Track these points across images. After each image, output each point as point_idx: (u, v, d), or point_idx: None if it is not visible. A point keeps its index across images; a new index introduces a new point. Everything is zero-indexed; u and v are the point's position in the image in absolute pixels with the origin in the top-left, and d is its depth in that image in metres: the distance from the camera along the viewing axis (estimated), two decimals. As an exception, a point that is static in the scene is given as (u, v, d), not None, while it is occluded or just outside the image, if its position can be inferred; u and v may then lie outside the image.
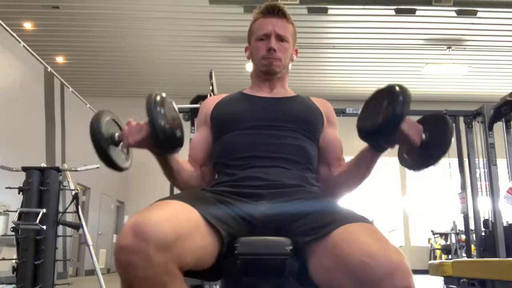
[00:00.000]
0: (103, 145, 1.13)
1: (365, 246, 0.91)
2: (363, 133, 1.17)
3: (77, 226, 3.62)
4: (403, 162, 1.26)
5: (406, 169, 1.26)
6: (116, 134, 1.18)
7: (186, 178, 1.32)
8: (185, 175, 1.32)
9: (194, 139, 1.43)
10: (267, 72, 1.38)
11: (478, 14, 7.82)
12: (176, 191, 1.38)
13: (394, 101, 1.08)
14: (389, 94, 1.11)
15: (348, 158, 1.47)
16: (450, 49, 9.37)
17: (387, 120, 1.08)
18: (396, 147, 1.29)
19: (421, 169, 1.20)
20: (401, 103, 1.08)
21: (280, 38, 1.36)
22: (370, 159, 1.25)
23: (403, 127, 1.11)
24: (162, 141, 1.11)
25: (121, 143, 1.18)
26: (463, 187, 5.54)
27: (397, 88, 1.11)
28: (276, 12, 1.37)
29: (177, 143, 1.14)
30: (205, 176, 1.38)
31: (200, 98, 4.82)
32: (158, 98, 1.11)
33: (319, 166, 1.39)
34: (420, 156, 1.18)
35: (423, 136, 1.15)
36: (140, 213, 0.93)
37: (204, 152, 1.39)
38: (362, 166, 1.28)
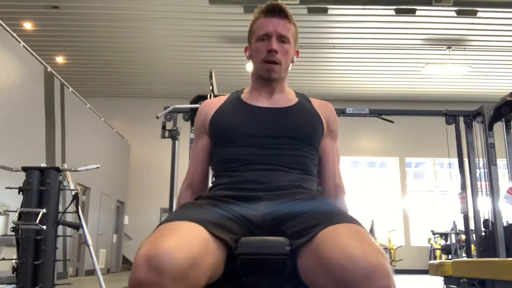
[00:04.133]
0: None
1: (345, 248, 0.91)
2: None
3: (77, 226, 3.62)
4: None
5: (406, 169, 1.24)
6: None
7: None
8: None
9: (194, 153, 1.42)
10: (267, 79, 1.37)
11: (478, 14, 7.82)
12: (177, 191, 1.38)
13: None
14: None
15: (348, 158, 1.47)
16: (450, 49, 9.37)
17: None
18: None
19: None
20: None
21: (282, 39, 1.33)
22: None
23: None
24: None
25: None
26: (463, 187, 5.54)
27: None
28: (278, 12, 1.34)
29: None
30: (203, 189, 1.40)
31: (200, 98, 4.83)
32: None
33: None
34: None
35: None
36: (151, 242, 0.92)
37: (204, 174, 1.40)
38: None
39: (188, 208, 1.15)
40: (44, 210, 3.17)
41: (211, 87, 4.85)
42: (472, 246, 5.66)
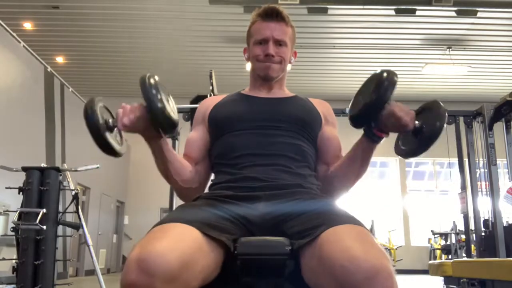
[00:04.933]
0: (101, 130, 1.14)
1: (347, 250, 0.90)
2: (352, 119, 1.23)
3: (77, 226, 3.62)
4: (398, 150, 1.29)
5: (406, 169, 1.25)
6: (110, 120, 1.18)
7: (180, 171, 1.30)
8: (180, 168, 1.30)
9: (190, 137, 1.43)
10: (264, 77, 1.40)
11: (478, 14, 7.82)
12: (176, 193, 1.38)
13: (378, 83, 1.14)
14: (374, 78, 1.18)
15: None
16: (450, 49, 9.36)
17: (371, 100, 1.15)
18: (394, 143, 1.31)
19: (416, 155, 1.24)
20: (385, 83, 1.13)
21: (279, 43, 1.36)
22: (365, 150, 1.26)
23: (394, 109, 1.15)
24: (160, 120, 1.13)
25: (115, 128, 1.18)
26: (463, 187, 5.54)
27: (381, 72, 1.17)
28: (275, 15, 1.36)
29: (174, 122, 1.16)
30: (200, 175, 1.37)
31: (200, 98, 4.82)
32: (152, 80, 1.15)
33: (318, 165, 1.39)
34: (414, 142, 1.22)
35: (416, 122, 1.19)
36: (142, 245, 0.92)
37: (199, 151, 1.39)
38: (358, 158, 1.29)
39: (183, 210, 1.15)
40: (44, 210, 3.18)
41: (211, 87, 4.85)
42: (472, 246, 5.66)
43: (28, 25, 8.67)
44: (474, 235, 5.49)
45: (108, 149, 1.17)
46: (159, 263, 0.87)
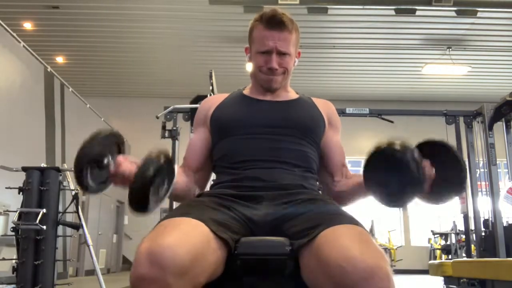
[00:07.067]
0: (84, 161, 1.06)
1: (344, 250, 0.91)
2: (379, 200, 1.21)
3: (77, 226, 3.62)
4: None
5: None
6: (106, 159, 1.10)
7: (178, 192, 1.31)
8: (177, 189, 1.30)
9: (192, 141, 1.42)
10: (267, 89, 1.38)
11: (478, 14, 7.81)
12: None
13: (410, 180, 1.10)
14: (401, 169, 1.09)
15: (347, 158, 1.47)
16: (450, 49, 9.36)
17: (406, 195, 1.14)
18: None
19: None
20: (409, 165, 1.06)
21: (282, 53, 1.32)
22: None
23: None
24: (131, 197, 1.02)
25: (107, 169, 1.09)
26: (463, 187, 5.54)
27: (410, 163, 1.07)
28: (277, 23, 1.30)
29: (143, 209, 1.03)
30: (200, 182, 1.39)
31: (200, 98, 4.82)
32: (160, 161, 1.06)
33: (322, 174, 1.40)
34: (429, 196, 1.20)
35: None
36: (152, 238, 0.91)
37: (200, 157, 1.38)
38: (364, 195, 1.30)
39: (190, 206, 1.15)
40: (44, 210, 3.18)
41: (211, 87, 4.85)
42: (472, 246, 5.66)
43: (28, 25, 8.66)
44: (474, 235, 5.49)
45: (79, 181, 1.06)
46: (171, 256, 0.86)
